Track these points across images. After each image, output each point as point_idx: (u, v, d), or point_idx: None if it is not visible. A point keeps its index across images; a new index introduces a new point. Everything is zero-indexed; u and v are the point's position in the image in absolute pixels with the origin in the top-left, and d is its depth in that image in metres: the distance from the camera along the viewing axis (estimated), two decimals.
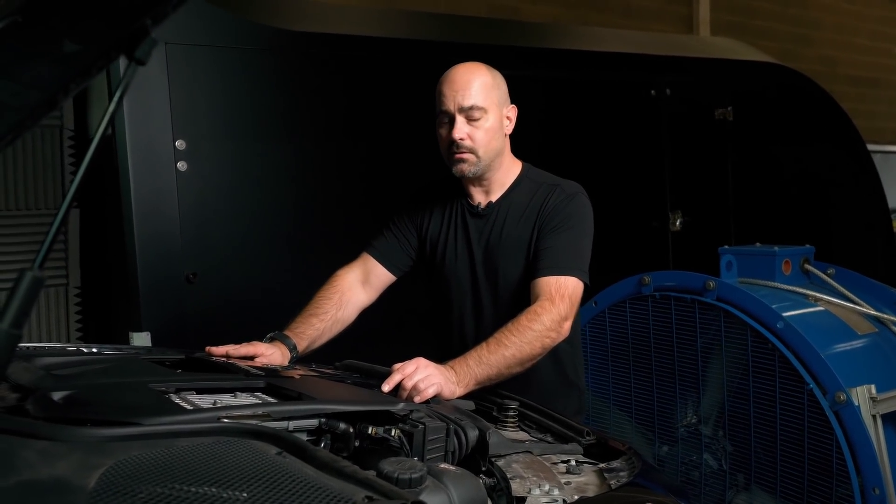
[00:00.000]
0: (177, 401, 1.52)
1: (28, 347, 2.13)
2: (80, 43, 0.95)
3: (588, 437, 1.81)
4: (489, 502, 1.39)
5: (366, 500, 1.13)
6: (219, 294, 3.47)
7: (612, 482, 1.57)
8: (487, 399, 2.03)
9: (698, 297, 2.62)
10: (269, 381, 1.74)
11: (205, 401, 1.56)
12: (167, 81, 3.37)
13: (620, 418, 2.86)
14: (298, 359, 2.35)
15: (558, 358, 2.40)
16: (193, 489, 1.07)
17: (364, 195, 3.76)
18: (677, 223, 4.92)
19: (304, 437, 1.53)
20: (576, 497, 1.48)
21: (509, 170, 2.46)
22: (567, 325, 2.22)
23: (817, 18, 9.56)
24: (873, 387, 2.39)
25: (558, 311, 2.20)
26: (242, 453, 1.22)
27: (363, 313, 2.63)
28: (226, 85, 3.55)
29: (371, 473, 1.27)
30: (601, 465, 1.67)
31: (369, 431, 1.55)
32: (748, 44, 6.19)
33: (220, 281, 3.48)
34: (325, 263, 2.71)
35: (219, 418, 1.40)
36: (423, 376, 1.94)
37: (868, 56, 10.14)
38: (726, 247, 2.91)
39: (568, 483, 1.57)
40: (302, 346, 2.34)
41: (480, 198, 2.45)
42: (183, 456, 1.18)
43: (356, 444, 1.56)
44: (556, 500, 1.45)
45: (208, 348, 2.22)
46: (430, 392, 1.94)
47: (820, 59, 9.40)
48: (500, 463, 1.61)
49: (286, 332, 2.35)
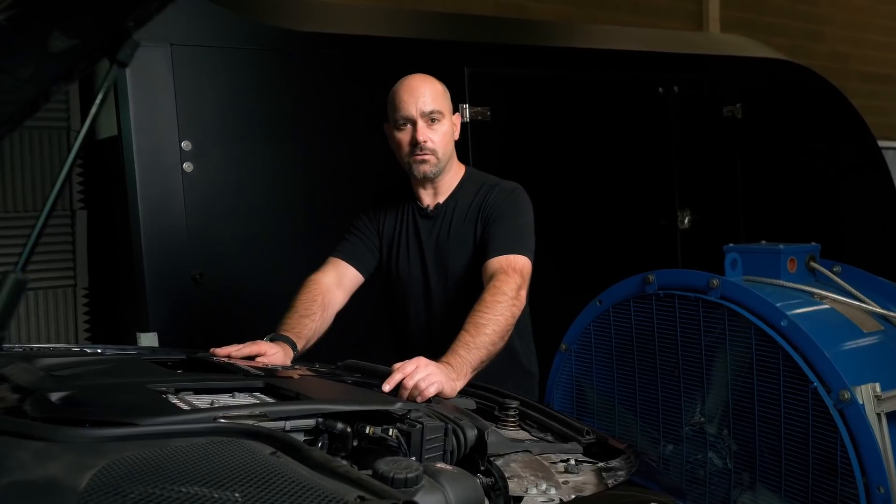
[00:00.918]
0: (174, 401, 1.53)
1: (31, 348, 2.15)
2: (62, 45, 0.96)
3: (588, 437, 1.80)
4: (486, 502, 1.39)
5: (358, 500, 1.13)
6: (225, 294, 3.49)
7: (610, 481, 1.56)
8: (488, 398, 2.03)
9: (702, 296, 2.62)
10: (268, 381, 1.74)
11: (202, 401, 1.57)
12: (173, 83, 3.39)
13: (625, 417, 2.85)
14: (299, 358, 2.37)
15: (511, 346, 2.47)
16: (185, 489, 1.08)
17: (369, 196, 3.75)
18: (685, 221, 4.91)
19: (301, 437, 1.53)
20: (573, 496, 1.48)
21: (455, 173, 2.63)
22: (523, 294, 2.36)
23: (828, 14, 9.50)
24: (878, 385, 2.38)
25: (514, 281, 2.33)
26: (236, 453, 1.23)
27: (366, 314, 2.69)
28: (231, 86, 3.56)
29: (367, 473, 1.27)
30: (600, 465, 1.67)
31: (367, 431, 1.55)
32: (758, 40, 6.16)
33: (227, 281, 3.50)
34: None
35: (215, 418, 1.40)
36: (423, 375, 1.95)
37: (880, 52, 10.07)
38: (731, 245, 2.90)
39: (566, 482, 1.56)
40: (300, 345, 2.39)
41: (429, 200, 2.62)
42: (176, 456, 1.18)
43: (354, 443, 1.56)
44: (553, 500, 1.45)
45: (212, 349, 2.25)
46: (432, 391, 1.95)
47: (831, 56, 9.34)
48: (499, 462, 1.61)
49: (284, 333, 2.38)
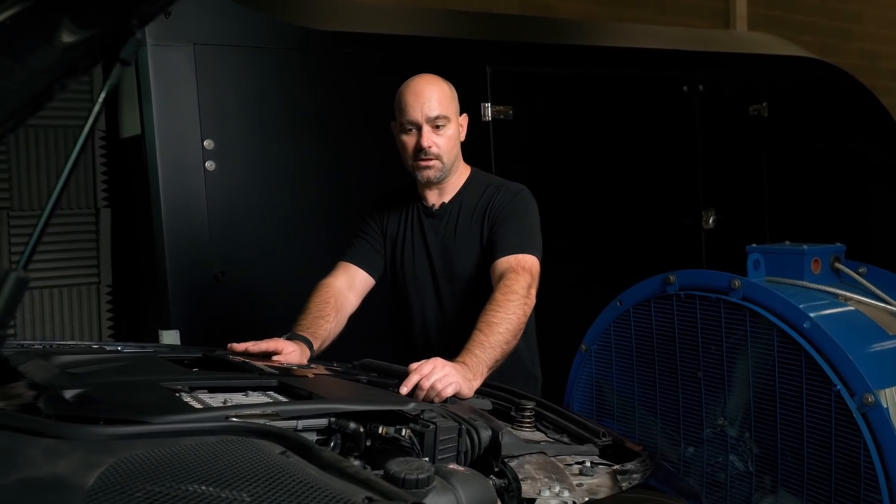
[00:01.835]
0: (187, 399, 1.53)
1: (51, 345, 2.16)
2: (65, 43, 0.96)
3: (604, 439, 1.79)
4: (499, 503, 1.38)
5: (366, 501, 1.13)
6: (246, 292, 3.50)
7: (625, 484, 1.55)
8: (505, 399, 2.02)
9: (723, 297, 2.58)
10: (283, 380, 1.74)
11: (215, 400, 1.57)
12: (196, 82, 3.41)
13: (645, 419, 2.83)
14: (314, 358, 2.37)
15: (514, 349, 2.44)
16: (192, 488, 1.08)
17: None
18: (710, 221, 4.87)
19: (314, 436, 1.53)
20: (586, 499, 1.47)
21: (461, 173, 2.64)
22: (533, 292, 2.37)
23: (858, 11, 9.39)
24: None
25: (524, 279, 2.34)
26: (245, 452, 1.22)
27: (383, 315, 2.70)
28: (254, 85, 3.58)
29: (378, 474, 1.27)
30: (615, 467, 1.65)
31: (380, 431, 1.55)
32: (787, 38, 6.10)
33: (248, 279, 3.51)
34: None
35: (227, 417, 1.40)
36: (440, 376, 1.95)
37: None
38: (754, 245, 2.87)
39: (580, 485, 1.55)
40: (316, 345, 2.40)
41: (434, 199, 2.63)
42: (185, 455, 1.18)
43: (367, 443, 1.56)
44: (566, 502, 1.44)
45: (230, 345, 2.25)
46: (449, 391, 1.95)
47: (861, 53, 9.23)
48: (513, 464, 1.60)
49: (301, 333, 2.38)
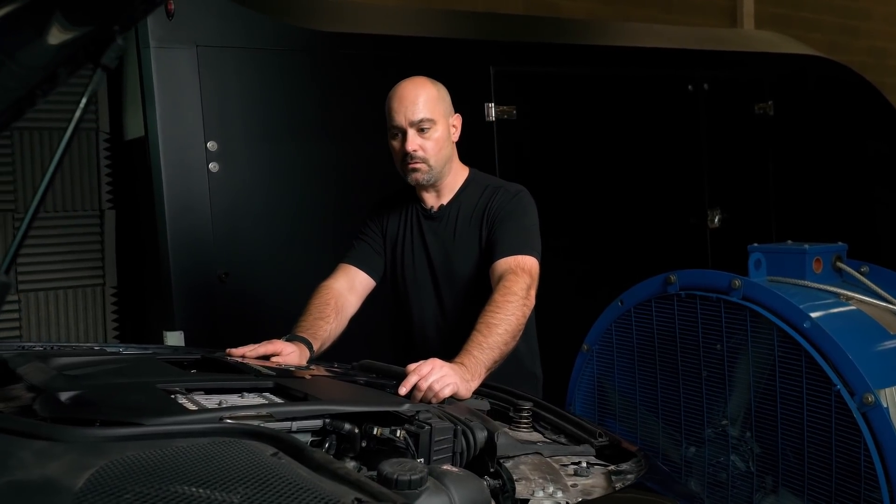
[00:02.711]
0: (182, 401, 1.54)
1: (52, 347, 2.18)
2: (46, 49, 0.96)
3: (601, 439, 1.79)
4: None
5: (355, 502, 1.13)
6: (250, 293, 3.52)
7: (619, 484, 1.55)
8: (503, 399, 2.02)
9: (724, 297, 2.58)
10: (279, 381, 1.75)
11: (211, 401, 1.58)
12: (199, 84, 3.42)
13: (647, 419, 2.83)
14: (316, 359, 2.38)
15: (515, 349, 2.44)
16: (181, 489, 1.08)
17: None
18: (716, 220, 4.86)
19: (308, 437, 1.54)
20: (579, 499, 1.47)
21: (458, 174, 2.62)
22: (533, 294, 2.36)
23: (866, 9, 9.35)
24: None
25: (524, 281, 2.34)
26: (236, 454, 1.23)
27: (383, 316, 2.70)
28: (257, 87, 3.59)
29: (372, 475, 1.27)
30: (610, 468, 1.66)
31: (375, 432, 1.55)
32: (794, 36, 6.08)
33: (252, 280, 3.52)
34: None
35: (221, 418, 1.41)
36: (438, 377, 1.95)
37: None
38: (755, 244, 2.86)
39: (574, 485, 1.55)
40: (316, 346, 2.40)
41: (433, 201, 2.62)
42: (176, 456, 1.19)
43: (363, 444, 1.56)
44: (559, 503, 1.44)
45: (228, 350, 2.26)
46: (446, 392, 1.95)
47: (869, 51, 9.20)
48: (509, 464, 1.60)
49: (300, 334, 2.39)
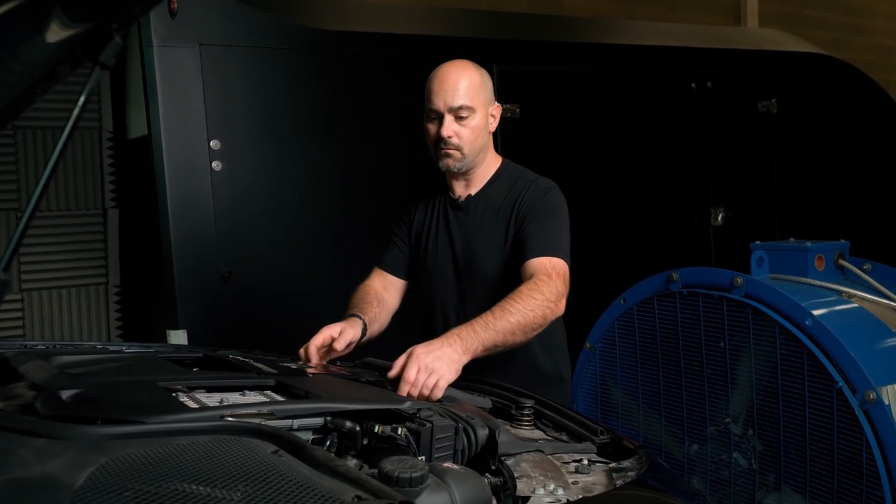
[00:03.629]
0: (183, 399, 1.55)
1: (54, 346, 2.18)
2: (44, 47, 0.97)
3: (602, 437, 1.79)
4: (494, 502, 1.38)
5: (355, 500, 1.13)
6: (254, 292, 3.52)
7: (619, 482, 1.55)
8: (505, 397, 2.03)
9: (726, 294, 2.58)
10: (281, 379, 1.76)
11: (212, 399, 1.59)
12: (202, 82, 3.43)
13: (650, 417, 2.83)
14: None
15: (541, 350, 2.48)
16: (182, 487, 1.09)
17: (399, 194, 3.77)
18: (719, 218, 4.86)
19: (310, 435, 1.54)
20: (580, 496, 1.47)
21: (490, 164, 2.56)
22: (563, 302, 2.31)
23: (871, 6, 9.34)
24: None
25: (556, 287, 2.28)
26: (237, 452, 1.23)
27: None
28: (260, 85, 3.59)
29: (371, 472, 1.28)
30: (611, 465, 1.66)
31: (376, 430, 1.56)
32: (798, 34, 6.08)
33: (255, 279, 3.53)
34: (359, 262, 2.75)
35: (221, 416, 1.41)
36: (425, 378, 1.96)
37: None
38: (758, 242, 2.86)
39: (575, 483, 1.55)
40: (367, 319, 2.43)
41: (461, 191, 2.57)
42: (176, 454, 1.19)
43: (364, 442, 1.57)
44: (560, 500, 1.44)
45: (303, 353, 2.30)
46: (438, 394, 1.96)
47: (874, 49, 9.19)
48: (510, 462, 1.61)
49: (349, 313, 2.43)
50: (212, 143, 3.43)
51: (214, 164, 3.44)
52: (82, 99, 0.97)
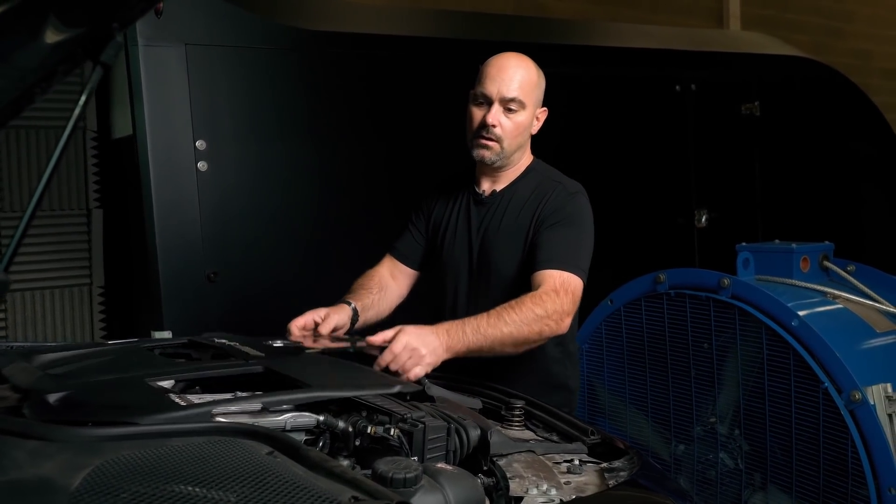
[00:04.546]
0: (174, 398, 1.54)
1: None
2: (44, 47, 0.96)
3: (592, 437, 1.80)
4: (487, 502, 1.39)
5: (352, 501, 1.13)
6: (239, 293, 3.50)
7: (612, 482, 1.56)
8: (494, 398, 2.03)
9: (713, 295, 2.60)
10: (269, 365, 1.75)
11: (203, 400, 1.58)
12: (188, 82, 3.40)
13: (637, 417, 2.84)
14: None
15: (555, 359, 2.45)
16: (178, 489, 1.08)
17: (384, 195, 3.77)
18: (703, 220, 4.88)
19: (302, 436, 1.54)
20: (573, 497, 1.48)
21: (521, 164, 2.51)
22: (567, 321, 2.23)
23: (851, 11, 9.41)
24: (889, 385, 2.36)
25: (562, 304, 2.20)
26: (232, 453, 1.23)
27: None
28: (246, 85, 3.57)
29: (367, 473, 1.28)
30: (603, 465, 1.66)
31: (369, 431, 1.56)
32: (780, 37, 6.11)
33: (241, 279, 3.51)
34: (344, 263, 2.74)
35: (212, 414, 1.41)
36: (407, 357, 1.98)
37: None
38: (743, 244, 2.88)
39: (568, 483, 1.56)
40: (358, 307, 2.43)
41: (487, 186, 2.51)
42: (172, 456, 1.19)
43: (357, 443, 1.57)
44: (553, 500, 1.45)
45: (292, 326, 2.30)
46: (415, 376, 1.97)
47: (854, 53, 9.25)
48: (502, 462, 1.61)
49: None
50: (197, 144, 3.41)
51: (200, 165, 3.41)
52: (83, 98, 0.96)
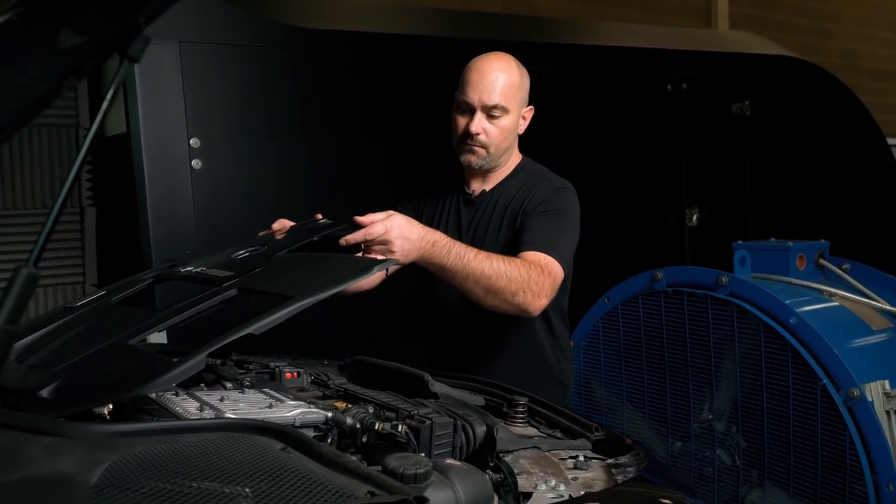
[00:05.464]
0: (180, 403, 1.53)
1: None
2: (72, 42, 0.96)
3: (597, 433, 1.80)
4: (495, 498, 1.39)
5: (368, 496, 1.13)
6: None
7: (620, 477, 1.56)
8: (497, 395, 2.03)
9: (711, 293, 2.61)
10: (241, 285, 1.75)
11: (212, 398, 1.57)
12: (181, 80, 3.39)
13: (634, 414, 2.85)
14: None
15: (551, 353, 2.44)
16: (196, 484, 1.08)
17: (377, 192, 3.76)
18: (694, 218, 4.90)
19: (311, 433, 1.54)
20: (582, 492, 1.48)
21: (510, 164, 2.51)
22: (541, 302, 2.19)
23: (838, 11, 9.47)
24: (887, 382, 2.38)
25: (544, 282, 2.18)
26: (246, 449, 1.23)
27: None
28: (240, 83, 3.56)
29: (376, 469, 1.28)
30: (609, 461, 1.67)
31: (376, 427, 1.56)
32: (768, 37, 6.14)
33: None
34: None
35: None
36: (379, 242, 2.02)
37: (890, 49, 10.04)
38: (740, 242, 2.89)
39: (575, 478, 1.56)
40: None
41: (476, 186, 2.51)
42: (187, 451, 1.19)
43: (364, 439, 1.57)
44: (562, 496, 1.45)
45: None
46: (378, 258, 1.98)
47: (841, 53, 9.31)
48: (508, 458, 1.61)
49: None
50: (191, 142, 3.40)
51: (194, 163, 3.40)
52: (111, 92, 0.96)
